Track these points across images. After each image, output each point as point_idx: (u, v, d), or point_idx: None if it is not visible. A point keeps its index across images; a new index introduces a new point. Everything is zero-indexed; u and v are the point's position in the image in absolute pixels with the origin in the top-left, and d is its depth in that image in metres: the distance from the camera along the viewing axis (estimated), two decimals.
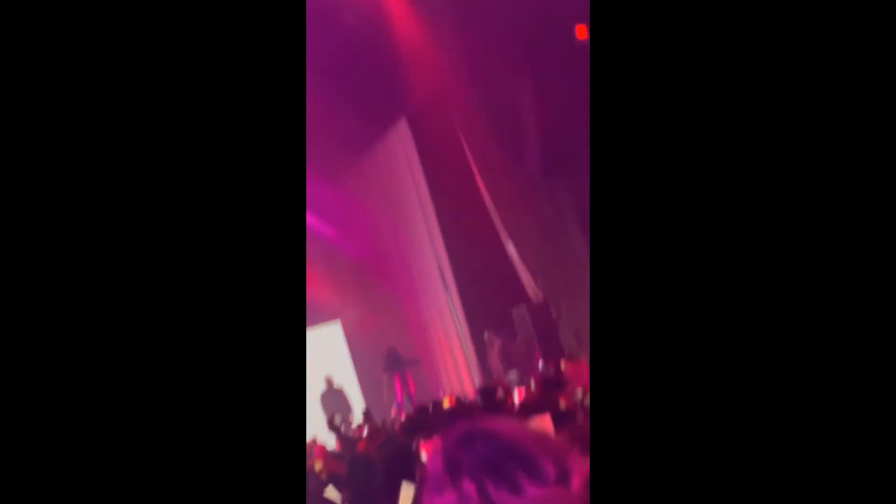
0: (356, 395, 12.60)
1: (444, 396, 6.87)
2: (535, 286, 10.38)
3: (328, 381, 12.01)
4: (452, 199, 10.96)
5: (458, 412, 5.33)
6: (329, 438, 6.87)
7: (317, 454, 4.97)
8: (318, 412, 11.33)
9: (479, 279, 10.67)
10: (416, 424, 4.87)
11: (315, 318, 13.04)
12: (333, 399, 11.73)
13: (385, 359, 11.42)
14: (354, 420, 9.94)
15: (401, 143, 11.87)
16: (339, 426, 6.49)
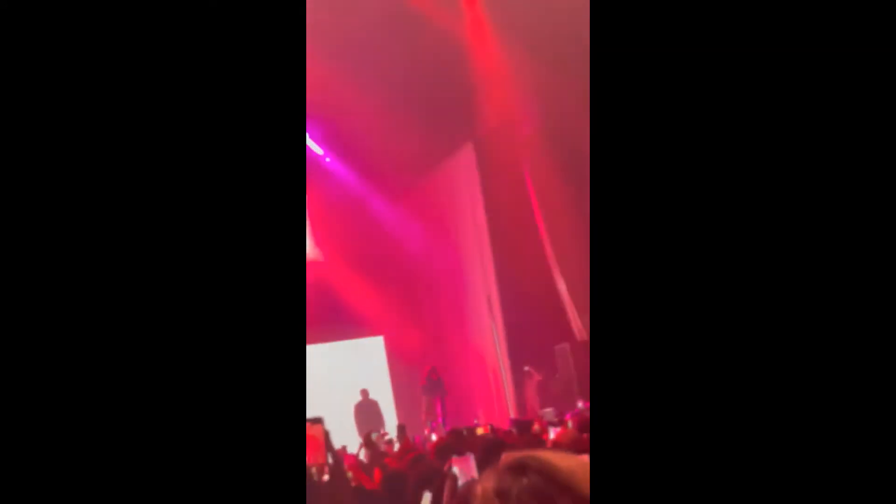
0: (390, 411, 12.62)
1: (479, 425, 6.85)
2: (581, 325, 10.31)
3: (364, 394, 12.07)
4: (508, 229, 10.97)
5: (492, 441, 5.33)
6: (360, 451, 6.91)
7: (347, 464, 5.00)
8: (351, 422, 11.39)
9: (526, 312, 10.63)
10: (449, 447, 4.88)
11: (359, 331, 13.14)
12: (367, 411, 11.77)
13: (427, 380, 11.42)
14: (387, 436, 9.97)
15: (464, 168, 11.94)
16: (375, 443, 6.53)
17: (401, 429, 7.06)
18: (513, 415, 10.33)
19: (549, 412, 9.41)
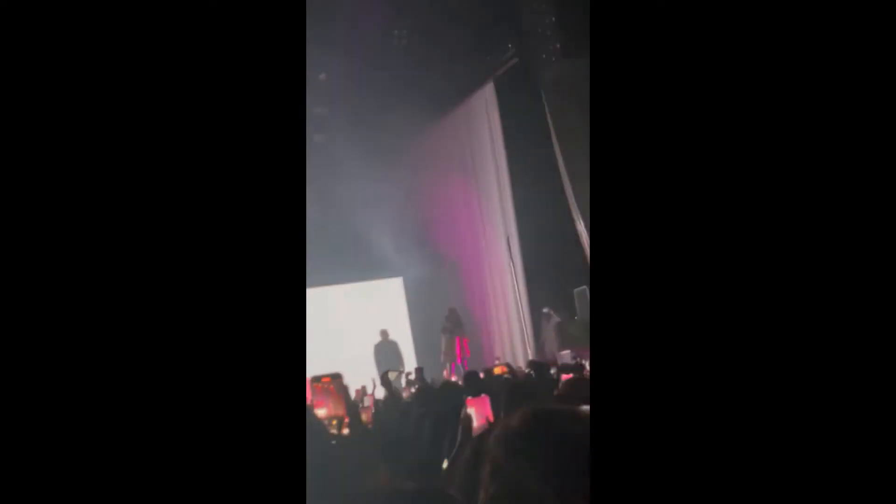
0: (409, 352, 12.73)
1: (497, 364, 6.85)
2: None
3: (383, 334, 12.16)
4: (529, 170, 10.84)
5: (510, 383, 5.31)
6: (378, 390, 6.96)
7: (367, 414, 5.02)
8: (371, 362, 11.50)
9: (546, 253, 10.56)
10: (466, 387, 4.87)
11: (378, 273, 13.19)
12: (386, 352, 11.88)
13: (447, 319, 11.47)
14: (405, 376, 10.04)
15: (484, 106, 11.77)
16: (392, 383, 6.55)
17: (418, 371, 7.07)
18: (531, 356, 10.35)
19: (568, 354, 9.43)
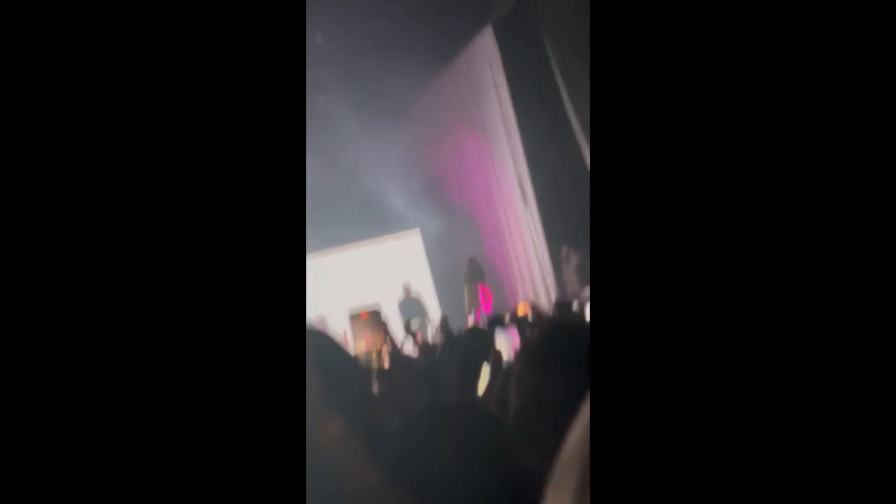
0: (433, 304, 12.84)
1: (520, 304, 6.93)
2: None
3: (406, 289, 12.25)
4: (536, 113, 10.78)
5: (534, 322, 5.41)
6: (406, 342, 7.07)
7: (385, 354, 5.11)
8: (396, 317, 11.64)
9: (560, 194, 10.56)
10: (489, 326, 4.95)
11: (395, 226, 13.25)
12: (410, 306, 11.99)
13: (467, 269, 11.53)
14: (430, 326, 10.15)
15: (486, 53, 11.65)
16: (416, 331, 6.64)
17: (444, 320, 7.17)
18: (553, 297, 10.43)
19: (588, 291, 9.49)
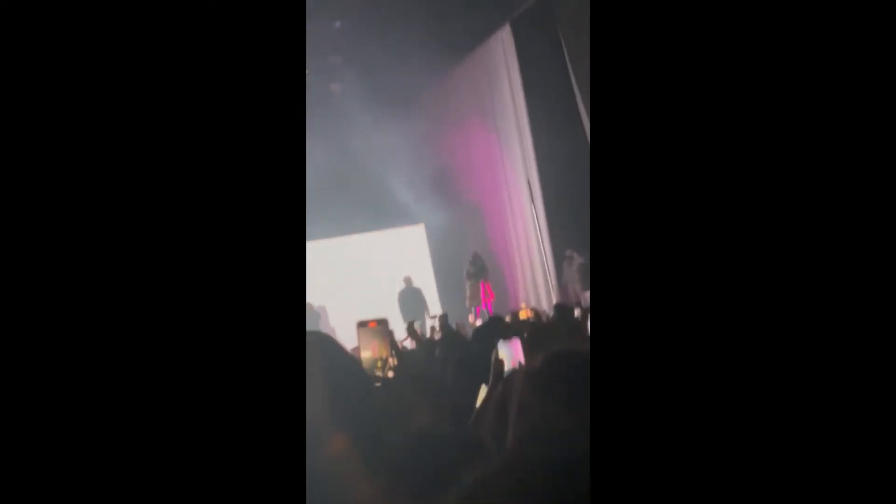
0: (433, 298, 12.82)
1: (522, 308, 6.89)
2: None
3: (407, 281, 12.23)
4: (549, 113, 10.72)
5: (534, 325, 5.35)
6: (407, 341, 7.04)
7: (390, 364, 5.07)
8: (396, 311, 11.62)
9: (568, 195, 10.51)
10: (491, 332, 4.91)
11: (399, 220, 13.22)
12: (410, 299, 11.97)
13: (471, 264, 11.50)
14: (429, 321, 10.13)
15: (502, 49, 11.59)
16: (417, 332, 6.61)
17: (443, 317, 7.12)
18: (554, 299, 10.39)
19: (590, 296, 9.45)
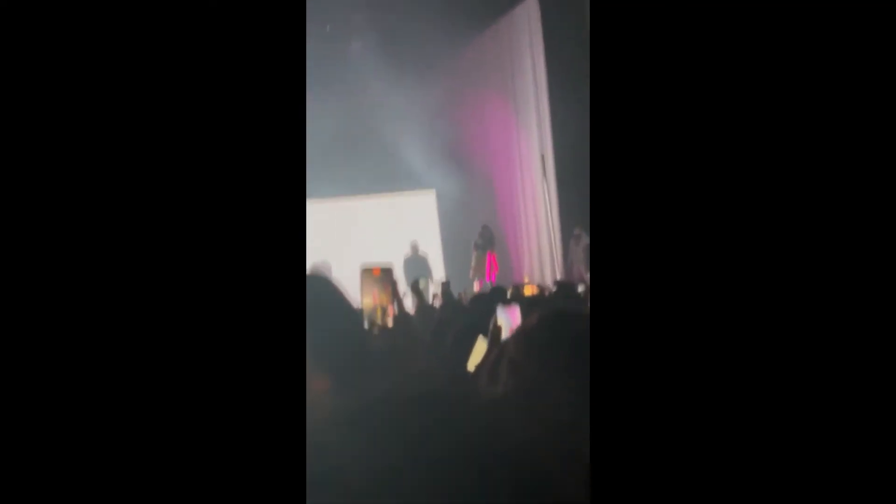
0: (439, 266, 12.82)
1: (528, 284, 6.88)
2: None
3: (414, 247, 12.23)
4: (569, 89, 10.61)
5: (536, 298, 5.34)
6: (407, 299, 7.04)
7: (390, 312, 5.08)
8: (400, 274, 11.63)
9: (581, 174, 10.44)
10: (492, 300, 4.90)
11: (410, 184, 13.17)
12: (416, 265, 11.97)
13: (480, 236, 11.48)
14: (432, 287, 10.13)
15: (527, 21, 11.45)
16: (422, 291, 6.60)
17: (446, 284, 7.12)
18: (559, 276, 10.38)
19: None
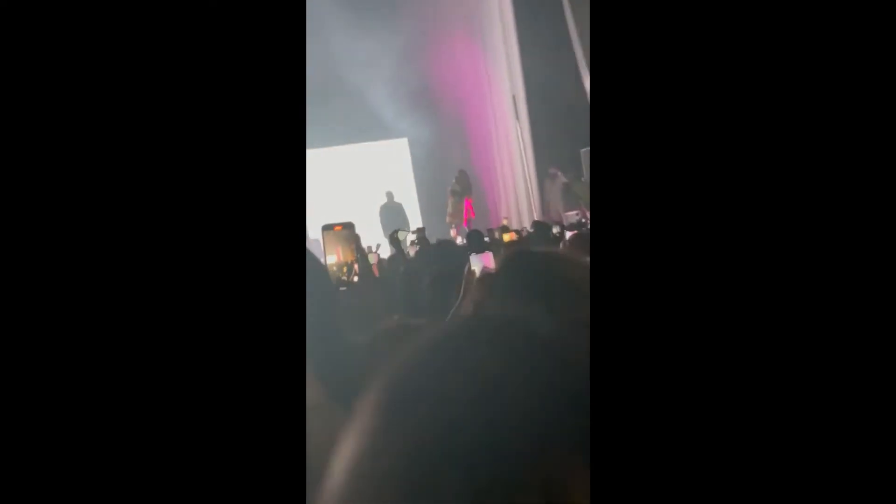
0: (415, 214, 12.82)
1: (506, 229, 6.92)
2: None
3: (389, 196, 12.19)
4: (538, 30, 10.51)
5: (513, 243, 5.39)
6: (383, 249, 7.06)
7: (374, 260, 5.10)
8: (376, 223, 11.62)
9: (553, 113, 10.42)
10: (469, 246, 4.94)
11: (382, 133, 13.07)
12: (392, 213, 11.96)
13: (456, 182, 11.46)
14: (410, 236, 10.15)
15: None
16: (401, 241, 6.62)
17: (420, 230, 7.13)
18: (536, 217, 10.43)
19: (573, 215, 9.49)
